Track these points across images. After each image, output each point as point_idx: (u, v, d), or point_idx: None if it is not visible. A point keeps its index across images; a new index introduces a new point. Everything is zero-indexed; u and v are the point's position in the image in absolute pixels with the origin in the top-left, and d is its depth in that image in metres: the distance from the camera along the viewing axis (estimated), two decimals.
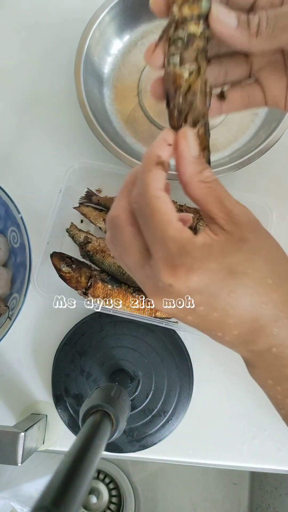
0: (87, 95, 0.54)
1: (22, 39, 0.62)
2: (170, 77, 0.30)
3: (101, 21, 0.55)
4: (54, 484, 0.23)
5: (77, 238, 0.55)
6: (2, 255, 0.53)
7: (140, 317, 0.51)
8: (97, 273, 0.53)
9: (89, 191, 0.57)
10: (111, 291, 0.53)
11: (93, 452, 0.28)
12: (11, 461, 0.46)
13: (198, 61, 0.30)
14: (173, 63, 0.29)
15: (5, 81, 0.62)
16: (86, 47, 0.55)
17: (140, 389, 0.54)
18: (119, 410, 0.35)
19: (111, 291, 0.53)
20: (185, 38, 0.29)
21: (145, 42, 0.60)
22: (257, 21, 0.29)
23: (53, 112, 0.61)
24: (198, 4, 0.28)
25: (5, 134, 0.60)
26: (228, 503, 1.04)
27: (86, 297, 0.53)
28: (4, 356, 0.56)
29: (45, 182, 0.59)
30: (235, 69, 0.35)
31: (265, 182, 0.57)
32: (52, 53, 0.62)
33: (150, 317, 0.52)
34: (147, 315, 0.52)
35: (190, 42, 0.29)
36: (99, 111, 0.56)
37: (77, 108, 0.54)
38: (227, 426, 0.54)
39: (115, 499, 1.04)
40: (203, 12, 0.29)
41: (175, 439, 0.54)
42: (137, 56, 0.60)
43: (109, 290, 0.53)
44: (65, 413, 0.54)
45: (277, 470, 0.54)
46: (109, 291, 0.53)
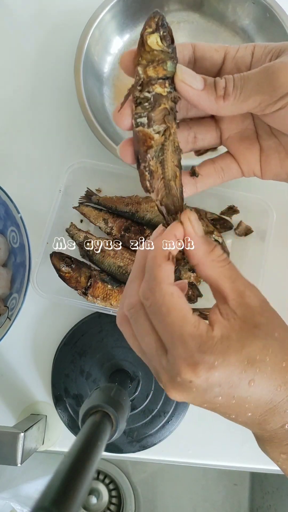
0: (87, 95, 0.54)
1: (21, 39, 0.62)
2: (140, 138, 0.29)
3: (101, 20, 0.55)
4: (54, 484, 0.23)
5: (76, 238, 0.55)
6: (1, 255, 0.53)
7: None
8: (97, 273, 0.53)
9: (89, 190, 0.57)
10: (111, 291, 0.52)
11: (93, 452, 0.27)
12: (10, 462, 0.46)
13: (166, 121, 0.29)
14: (141, 124, 0.29)
15: (4, 81, 0.62)
16: (86, 46, 0.55)
17: (140, 390, 0.54)
18: (119, 411, 0.35)
19: (111, 291, 0.52)
20: (151, 98, 0.28)
21: None
22: (224, 84, 0.28)
23: (53, 112, 0.61)
24: (163, 65, 0.28)
25: (5, 134, 0.60)
26: (228, 504, 1.04)
27: (86, 297, 0.53)
28: (4, 356, 0.56)
29: (45, 182, 0.59)
30: (205, 134, 0.33)
31: (266, 182, 0.57)
32: (52, 52, 0.62)
33: None
34: None
35: (157, 102, 0.29)
36: (98, 111, 0.56)
37: (76, 108, 0.54)
38: (227, 426, 0.54)
39: (115, 500, 1.04)
40: (168, 73, 0.28)
41: (175, 440, 0.54)
42: None
43: (109, 290, 0.52)
44: (65, 414, 0.54)
45: (278, 470, 0.53)
46: (108, 291, 0.52)
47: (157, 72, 0.28)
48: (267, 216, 0.52)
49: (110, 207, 0.55)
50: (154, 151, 0.29)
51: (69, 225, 0.55)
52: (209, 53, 0.31)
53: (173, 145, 0.30)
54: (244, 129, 0.33)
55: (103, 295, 0.52)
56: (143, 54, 0.28)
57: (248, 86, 0.28)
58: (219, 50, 0.30)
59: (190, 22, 0.60)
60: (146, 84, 0.28)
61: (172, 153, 0.30)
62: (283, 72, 0.27)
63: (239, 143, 0.33)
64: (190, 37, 0.60)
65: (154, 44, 0.28)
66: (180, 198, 0.31)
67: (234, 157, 0.33)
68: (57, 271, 0.53)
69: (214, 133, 0.33)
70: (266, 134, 0.33)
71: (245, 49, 0.30)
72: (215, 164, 0.34)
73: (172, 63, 0.28)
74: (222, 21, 0.59)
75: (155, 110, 0.29)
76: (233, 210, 0.56)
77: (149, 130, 0.29)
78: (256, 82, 0.28)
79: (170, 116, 0.29)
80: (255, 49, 0.30)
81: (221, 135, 0.34)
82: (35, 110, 0.61)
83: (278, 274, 0.56)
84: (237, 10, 0.57)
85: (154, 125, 0.29)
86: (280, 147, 0.32)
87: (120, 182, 0.57)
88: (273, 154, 0.32)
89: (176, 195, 0.31)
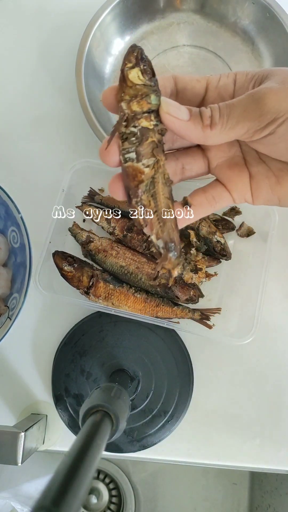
0: (88, 96, 0.54)
1: (22, 40, 0.63)
2: (129, 173, 0.29)
3: (102, 22, 0.55)
4: (54, 484, 0.23)
5: (79, 237, 0.55)
6: (2, 255, 0.53)
7: (142, 317, 0.51)
8: (99, 272, 0.54)
9: (92, 190, 0.57)
10: (113, 291, 0.53)
11: (93, 452, 0.27)
12: (11, 461, 0.46)
13: (155, 154, 0.29)
14: (130, 159, 0.29)
15: (5, 82, 0.62)
16: (87, 48, 0.55)
17: (140, 389, 0.54)
18: (119, 410, 0.35)
19: (113, 291, 0.53)
20: (138, 133, 0.28)
21: (146, 42, 0.60)
22: (210, 113, 0.28)
23: (54, 112, 0.61)
24: (147, 99, 0.28)
25: (6, 135, 0.61)
26: (228, 503, 1.04)
27: (88, 296, 0.53)
28: (5, 356, 0.56)
29: (46, 182, 0.59)
30: (193, 164, 0.33)
31: None
32: (53, 53, 0.62)
33: (151, 317, 0.52)
34: (149, 315, 0.52)
35: (144, 136, 0.28)
36: (100, 111, 0.56)
37: (78, 108, 0.55)
38: (227, 426, 0.54)
39: (115, 499, 1.04)
40: (153, 106, 0.28)
41: (175, 439, 0.54)
42: None
43: (111, 289, 0.53)
44: (65, 413, 0.54)
45: (277, 470, 0.54)
46: (110, 290, 0.53)
47: (142, 106, 0.28)
48: (269, 217, 0.52)
49: (112, 207, 0.55)
50: (145, 185, 0.29)
51: (72, 224, 0.56)
52: (191, 84, 0.31)
53: (163, 177, 0.29)
54: (232, 157, 0.33)
55: (105, 294, 0.53)
56: (126, 89, 0.28)
57: (234, 113, 0.28)
58: (200, 81, 0.31)
59: (190, 23, 0.60)
60: (132, 119, 0.28)
61: (163, 185, 0.29)
62: (269, 97, 0.27)
63: (227, 170, 0.33)
64: (190, 39, 0.60)
65: (136, 78, 0.28)
66: (176, 231, 0.30)
67: (224, 185, 0.33)
68: (59, 270, 0.53)
69: (201, 162, 0.33)
70: (254, 160, 0.33)
71: (227, 78, 0.30)
72: (206, 194, 0.33)
73: (156, 96, 0.28)
74: (222, 22, 0.59)
75: (143, 144, 0.28)
76: (236, 211, 0.56)
77: (139, 164, 0.29)
78: (243, 109, 0.28)
79: (158, 149, 0.29)
80: (237, 77, 0.30)
81: (209, 164, 0.33)
82: (36, 110, 0.61)
83: (280, 276, 0.56)
84: (237, 11, 0.57)
85: (143, 159, 0.28)
86: (270, 173, 0.32)
87: None
88: (263, 180, 0.32)
89: (172, 227, 0.30)
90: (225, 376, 0.55)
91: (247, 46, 0.59)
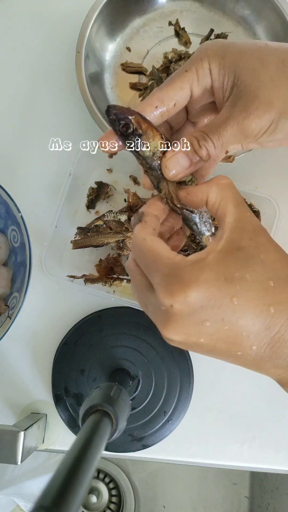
0: (88, 82, 0.54)
1: (21, 30, 0.62)
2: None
3: (103, 8, 0.55)
4: (54, 483, 0.23)
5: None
6: (2, 254, 0.53)
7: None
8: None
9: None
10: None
11: (93, 451, 0.27)
12: (10, 460, 0.46)
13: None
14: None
15: (4, 75, 0.62)
16: (87, 33, 0.54)
17: (140, 389, 0.54)
18: (119, 410, 0.35)
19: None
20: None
21: (148, 29, 0.60)
22: (205, 151, 0.32)
23: (54, 111, 0.60)
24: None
25: (5, 132, 0.60)
26: (228, 503, 1.04)
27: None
28: (5, 355, 0.56)
29: (46, 181, 0.59)
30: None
31: (273, 179, 0.57)
32: (53, 54, 0.62)
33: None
34: None
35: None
36: (101, 111, 0.56)
37: (78, 108, 0.54)
38: (227, 426, 0.54)
39: (115, 499, 1.04)
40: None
41: (175, 439, 0.54)
42: (140, 43, 0.60)
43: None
44: (65, 413, 0.54)
45: (277, 470, 0.54)
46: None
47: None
48: (274, 214, 0.52)
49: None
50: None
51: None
52: (175, 95, 0.33)
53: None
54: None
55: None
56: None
57: (225, 140, 0.33)
58: (184, 88, 0.33)
59: (193, 11, 0.60)
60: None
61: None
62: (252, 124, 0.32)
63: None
64: (193, 26, 0.60)
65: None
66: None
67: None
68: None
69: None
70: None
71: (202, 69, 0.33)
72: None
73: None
74: (224, 10, 0.59)
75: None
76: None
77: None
78: (232, 136, 0.33)
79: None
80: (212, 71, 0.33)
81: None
82: (36, 110, 0.61)
83: None
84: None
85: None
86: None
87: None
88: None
89: None
90: (225, 376, 0.55)
91: (249, 36, 0.59)
